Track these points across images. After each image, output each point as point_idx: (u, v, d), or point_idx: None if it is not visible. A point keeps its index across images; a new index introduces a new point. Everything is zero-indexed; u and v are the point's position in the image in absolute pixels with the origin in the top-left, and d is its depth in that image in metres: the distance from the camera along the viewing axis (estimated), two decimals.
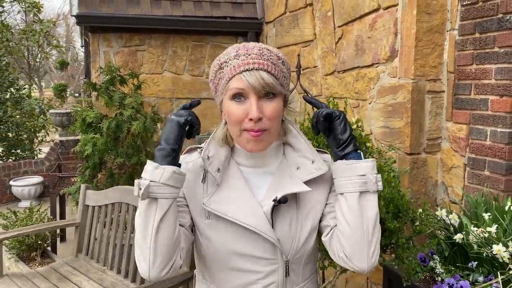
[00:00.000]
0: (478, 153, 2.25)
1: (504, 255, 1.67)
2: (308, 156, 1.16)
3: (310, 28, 3.35)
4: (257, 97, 1.04)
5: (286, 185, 1.12)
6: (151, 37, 4.10)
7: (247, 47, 1.09)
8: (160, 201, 1.01)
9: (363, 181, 1.05)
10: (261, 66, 1.05)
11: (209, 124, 4.43)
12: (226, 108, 1.09)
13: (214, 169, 1.11)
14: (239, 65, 1.05)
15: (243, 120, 1.05)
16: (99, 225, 3.05)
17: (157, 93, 4.19)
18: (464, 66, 2.31)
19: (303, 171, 1.14)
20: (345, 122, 1.10)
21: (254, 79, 1.03)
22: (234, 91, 1.06)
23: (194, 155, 1.21)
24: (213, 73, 1.15)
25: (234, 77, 1.06)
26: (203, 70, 4.32)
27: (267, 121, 1.05)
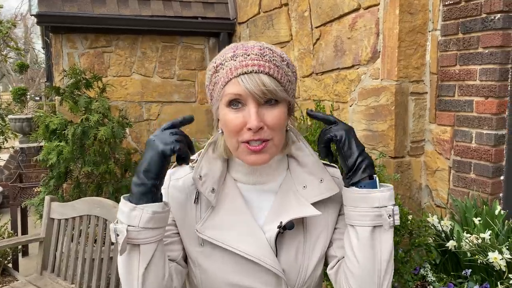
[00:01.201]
0: (464, 155, 2.21)
1: (501, 263, 1.61)
2: (316, 173, 1.01)
3: (286, 29, 3.25)
4: (257, 104, 0.90)
5: (291, 207, 0.98)
6: (119, 38, 3.89)
7: (246, 47, 0.95)
8: (143, 247, 0.87)
9: (377, 214, 0.91)
10: (262, 69, 0.91)
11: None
12: (222, 116, 0.95)
13: (207, 190, 0.96)
14: (236, 67, 0.91)
15: (241, 130, 0.91)
16: (66, 239, 2.84)
17: (125, 97, 3.98)
18: (447, 67, 2.26)
19: (311, 190, 1.00)
20: (350, 144, 0.94)
21: (253, 83, 0.89)
22: (230, 97, 0.91)
23: (184, 170, 1.06)
24: (208, 77, 1.01)
25: (231, 81, 0.91)
26: (174, 72, 4.15)
27: (269, 131, 0.91)
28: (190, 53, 4.19)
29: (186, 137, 0.93)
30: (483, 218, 1.89)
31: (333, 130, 0.95)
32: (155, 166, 0.88)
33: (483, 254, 1.70)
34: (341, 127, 0.96)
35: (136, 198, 0.88)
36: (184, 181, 1.04)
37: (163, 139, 0.89)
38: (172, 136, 0.90)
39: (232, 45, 0.98)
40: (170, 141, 0.89)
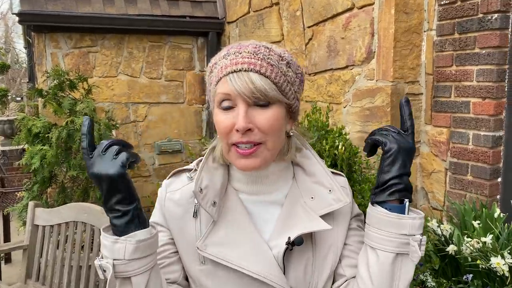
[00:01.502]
0: (460, 157, 2.18)
1: (504, 268, 1.58)
2: (324, 182, 0.95)
3: (277, 29, 3.19)
4: (247, 104, 0.84)
5: (299, 220, 0.91)
6: (104, 38, 3.79)
7: (240, 45, 0.89)
8: (135, 279, 0.79)
9: (404, 242, 0.84)
10: (252, 67, 0.84)
11: (168, 130, 4.19)
12: (214, 117, 0.90)
13: (208, 204, 0.89)
14: (226, 65, 0.86)
15: (231, 131, 0.85)
16: (51, 247, 2.73)
17: (111, 98, 3.88)
18: (443, 68, 2.23)
19: (319, 202, 0.93)
20: (394, 162, 0.85)
21: (241, 82, 0.83)
22: (220, 97, 0.86)
23: (182, 180, 0.99)
24: (206, 79, 0.95)
25: (220, 80, 0.86)
26: (161, 73, 4.06)
27: (260, 134, 0.84)
28: (178, 53, 4.10)
29: (118, 140, 0.82)
30: (482, 221, 1.86)
31: (390, 138, 0.87)
32: (124, 190, 0.78)
33: (485, 259, 1.66)
34: (399, 141, 0.87)
35: (121, 230, 0.78)
36: (182, 193, 0.97)
37: (105, 162, 0.77)
38: (108, 150, 0.78)
39: (231, 44, 0.92)
40: (111, 157, 0.77)
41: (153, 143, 4.10)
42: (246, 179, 0.95)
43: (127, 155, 0.77)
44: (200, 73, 4.22)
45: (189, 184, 0.97)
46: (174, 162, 4.21)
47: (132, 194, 0.80)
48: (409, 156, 0.87)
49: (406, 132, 0.89)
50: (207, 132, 4.33)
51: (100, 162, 0.77)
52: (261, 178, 0.95)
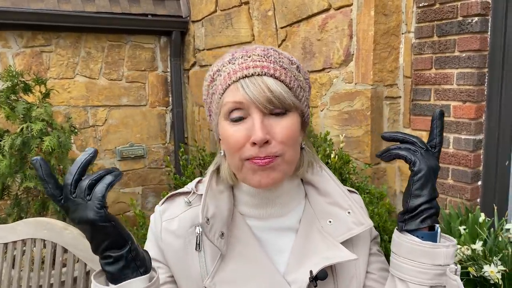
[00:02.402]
0: (441, 161, 2.16)
1: (498, 276, 1.56)
2: (341, 203, 0.85)
3: (247, 29, 3.08)
4: (262, 113, 0.74)
5: (318, 249, 0.81)
6: (59, 36, 3.51)
7: (247, 49, 0.79)
8: None
9: (439, 273, 0.75)
10: (266, 70, 0.74)
11: (130, 135, 3.97)
12: (221, 131, 0.78)
13: (216, 236, 0.77)
14: (235, 70, 0.75)
15: (244, 145, 0.74)
16: (5, 266, 2.48)
17: (68, 101, 3.61)
18: (422, 71, 2.21)
19: (338, 226, 0.83)
20: (424, 185, 0.76)
21: (256, 89, 0.73)
22: (229, 106, 0.75)
23: (178, 206, 0.86)
24: (205, 89, 0.83)
25: (229, 87, 0.75)
26: (122, 74, 3.83)
27: (278, 145, 0.75)
28: (139, 53, 3.89)
29: (80, 168, 0.65)
30: (468, 226, 1.84)
31: (419, 157, 0.78)
32: (111, 233, 0.66)
33: (476, 266, 1.64)
34: (428, 161, 0.78)
35: (117, 277, 0.67)
36: (180, 222, 0.84)
37: (79, 205, 0.63)
38: (77, 190, 0.64)
39: (233, 50, 0.81)
40: (84, 197, 0.63)
41: (114, 149, 3.87)
42: (256, 202, 0.84)
43: (101, 189, 0.64)
44: (163, 73, 4.04)
45: (187, 210, 0.85)
46: (137, 168, 4.00)
47: (122, 235, 0.67)
48: (436, 176, 0.80)
49: (434, 149, 0.82)
50: (171, 136, 4.15)
51: (75, 207, 0.63)
52: (272, 199, 0.84)
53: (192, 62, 3.88)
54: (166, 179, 4.15)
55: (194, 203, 0.85)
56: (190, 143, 4.13)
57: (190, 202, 0.85)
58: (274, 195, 0.84)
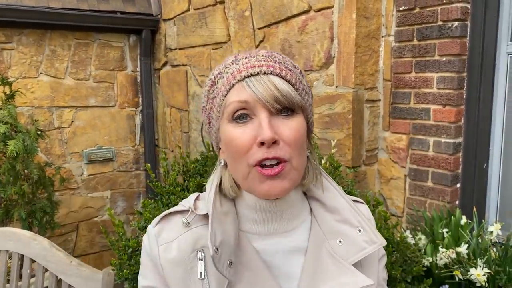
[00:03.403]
0: (421, 164, 2.18)
1: (484, 279, 1.58)
2: (351, 220, 0.80)
3: (223, 29, 3.02)
4: (268, 112, 0.70)
5: (329, 273, 0.75)
6: (22, 33, 3.31)
7: (250, 52, 0.75)
8: None
9: None
10: (272, 69, 0.71)
11: (98, 137, 3.80)
12: (225, 135, 0.73)
13: (225, 265, 0.71)
14: (239, 70, 0.71)
15: (251, 148, 0.69)
16: None
17: (32, 102, 3.42)
18: (402, 74, 2.22)
19: (349, 246, 0.78)
20: None
21: (262, 87, 0.69)
22: (234, 106, 0.71)
23: (175, 227, 0.79)
24: (205, 96, 0.78)
25: (233, 87, 0.71)
26: (89, 73, 3.67)
27: (286, 148, 0.70)
28: (108, 52, 3.74)
29: None
30: (451, 229, 1.86)
31: None
32: None
33: (462, 269, 1.65)
34: None
35: None
36: (179, 246, 0.76)
37: None
38: None
39: (231, 55, 0.77)
40: None
41: (81, 152, 3.70)
42: (260, 217, 0.78)
43: None
44: (133, 73, 3.90)
45: (186, 232, 0.78)
46: (105, 172, 3.84)
47: None
48: None
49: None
50: (141, 138, 4.01)
51: None
52: (277, 212, 0.79)
53: (163, 62, 3.77)
54: (136, 183, 4.01)
55: (194, 223, 0.78)
56: (161, 145, 4.01)
57: (189, 223, 0.78)
58: (279, 207, 0.78)
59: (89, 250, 3.79)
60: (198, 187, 1.53)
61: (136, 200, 4.03)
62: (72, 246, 3.71)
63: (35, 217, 2.68)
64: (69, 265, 1.93)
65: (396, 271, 1.41)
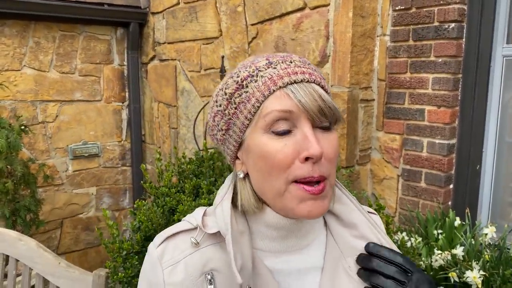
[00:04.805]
0: (414, 164, 2.18)
1: (479, 282, 1.58)
2: (368, 236, 0.75)
3: (214, 24, 2.96)
4: (312, 125, 0.65)
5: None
6: (4, 24, 3.19)
7: (280, 55, 0.69)
8: None
9: None
10: (314, 78, 0.67)
11: (83, 132, 3.71)
12: (259, 147, 0.66)
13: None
14: (280, 75, 0.65)
15: (293, 163, 0.64)
16: None
17: (14, 95, 3.30)
18: (397, 74, 2.21)
19: None
20: None
21: (308, 96, 0.64)
22: (275, 115, 0.64)
23: (182, 247, 0.73)
24: (225, 98, 0.70)
25: (273, 94, 0.65)
26: (74, 66, 3.57)
27: (327, 164, 0.66)
28: (94, 45, 3.64)
29: None
30: (445, 230, 1.87)
31: None
32: None
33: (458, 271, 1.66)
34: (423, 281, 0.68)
35: None
36: (187, 268, 0.71)
37: None
38: None
39: (255, 56, 0.71)
40: None
41: (65, 147, 3.60)
42: (280, 234, 0.74)
43: None
44: (119, 67, 3.81)
45: (194, 253, 0.72)
46: (91, 168, 3.76)
47: None
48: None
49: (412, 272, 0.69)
50: (127, 133, 3.94)
51: None
52: (295, 230, 0.74)
53: (151, 56, 3.70)
54: (123, 179, 3.94)
55: (203, 243, 0.72)
56: (148, 141, 3.94)
57: (198, 243, 0.72)
58: (300, 225, 0.74)
59: (73, 247, 3.71)
60: (194, 189, 1.50)
61: (122, 197, 3.96)
62: (56, 244, 3.62)
63: (19, 215, 2.60)
64: (57, 266, 1.87)
65: None
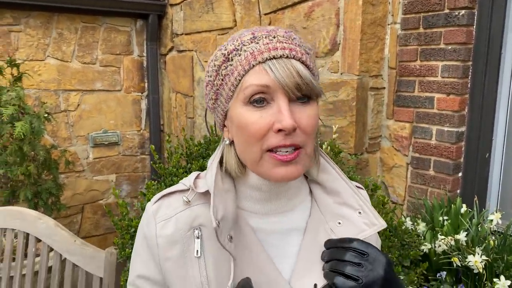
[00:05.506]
0: (423, 152, 2.19)
1: (481, 266, 1.59)
2: (351, 203, 0.79)
3: (229, 14, 3.01)
4: (288, 99, 0.69)
5: None
6: (29, 15, 3.33)
7: (267, 29, 0.73)
8: None
9: None
10: (294, 53, 0.70)
11: (103, 121, 3.83)
12: (238, 117, 0.72)
13: (226, 240, 0.71)
14: (261, 50, 0.69)
15: (267, 133, 0.69)
16: None
17: (38, 84, 3.44)
18: (407, 62, 2.21)
19: (348, 227, 0.78)
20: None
21: (286, 72, 0.68)
22: (253, 89, 0.69)
23: (174, 204, 0.79)
24: (213, 70, 0.75)
25: (253, 68, 0.70)
26: (96, 57, 3.68)
27: (302, 135, 0.70)
28: (114, 36, 3.75)
29: None
30: (451, 217, 1.87)
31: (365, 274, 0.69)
32: None
33: (460, 256, 1.67)
34: (377, 268, 0.70)
35: None
36: (177, 223, 0.76)
37: None
38: None
39: (244, 30, 0.75)
40: None
41: (86, 135, 3.73)
42: (262, 196, 0.79)
43: None
44: (139, 58, 3.91)
45: (185, 210, 0.78)
46: (111, 156, 3.88)
47: None
48: (393, 274, 0.72)
49: None
50: (146, 123, 4.04)
51: None
52: (278, 193, 0.79)
53: (170, 47, 3.78)
54: (141, 167, 4.05)
55: (194, 202, 0.78)
56: (166, 130, 4.04)
57: (189, 201, 0.78)
58: (282, 188, 0.79)
59: (93, 232, 3.85)
60: (201, 169, 1.55)
61: (141, 184, 4.07)
62: (77, 228, 3.76)
63: (40, 197, 2.72)
64: (73, 244, 1.97)
65: (392, 254, 1.43)
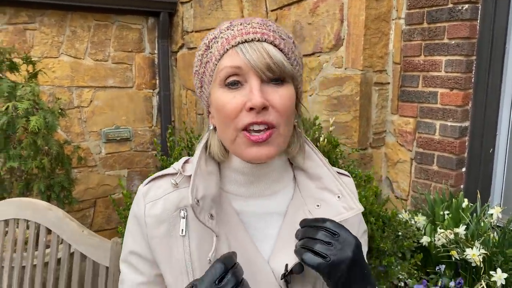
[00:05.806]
0: (427, 147, 2.19)
1: (480, 259, 1.59)
2: (331, 188, 0.82)
3: (237, 11, 3.05)
4: (260, 80, 0.72)
5: None
6: (44, 14, 3.42)
7: (245, 19, 0.78)
8: None
9: None
10: (266, 37, 0.73)
11: (116, 117, 3.91)
12: (216, 100, 0.76)
13: (206, 218, 0.75)
14: (234, 35, 0.74)
15: (240, 113, 0.73)
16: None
17: (52, 81, 3.53)
18: (411, 57, 2.22)
19: (326, 210, 0.80)
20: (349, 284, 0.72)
21: (256, 54, 0.71)
22: (226, 71, 0.73)
23: (163, 187, 0.83)
24: (198, 60, 0.80)
25: (227, 52, 0.74)
26: (108, 54, 3.76)
27: (275, 114, 0.73)
28: (126, 34, 3.82)
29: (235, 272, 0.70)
30: (452, 211, 1.88)
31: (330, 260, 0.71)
32: None
33: (459, 249, 1.67)
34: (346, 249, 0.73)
35: None
36: (165, 204, 0.81)
37: None
38: None
39: (222, 22, 0.80)
40: None
41: (99, 131, 3.81)
42: (243, 179, 0.82)
43: None
44: (150, 55, 3.98)
45: (173, 192, 0.82)
46: (122, 151, 3.96)
47: None
48: (362, 258, 0.75)
49: None
50: (158, 119, 4.11)
51: None
52: (260, 177, 0.82)
53: (180, 44, 3.83)
54: (153, 162, 4.12)
55: (181, 184, 0.82)
56: (177, 126, 4.10)
57: (177, 184, 0.81)
58: (264, 171, 0.82)
59: (105, 226, 3.93)
60: None
61: None
62: (89, 222, 3.85)
63: (53, 190, 2.80)
64: (81, 234, 2.03)
65: (384, 244, 1.45)
